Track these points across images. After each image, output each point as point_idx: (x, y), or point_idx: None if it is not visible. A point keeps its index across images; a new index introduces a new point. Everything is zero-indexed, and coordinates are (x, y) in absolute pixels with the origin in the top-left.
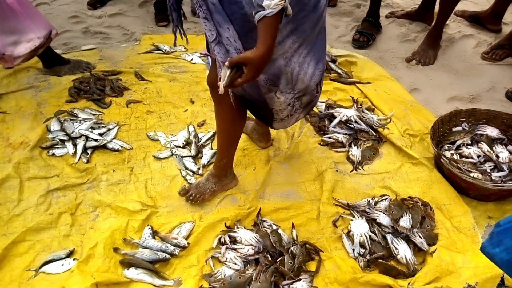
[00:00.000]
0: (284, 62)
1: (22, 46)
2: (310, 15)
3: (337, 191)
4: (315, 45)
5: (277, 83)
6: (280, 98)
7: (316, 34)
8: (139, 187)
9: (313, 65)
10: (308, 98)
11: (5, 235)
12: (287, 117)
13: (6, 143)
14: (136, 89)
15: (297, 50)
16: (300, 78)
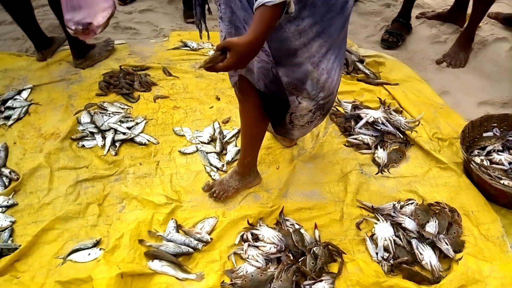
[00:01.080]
0: (312, 67)
1: (99, 16)
2: (337, 16)
3: (361, 193)
4: (341, 50)
5: (300, 88)
6: (302, 104)
7: (342, 38)
8: (165, 181)
9: (338, 72)
10: (329, 105)
11: (35, 223)
12: (307, 124)
13: (38, 133)
14: (164, 84)
15: (325, 55)
16: (327, 86)
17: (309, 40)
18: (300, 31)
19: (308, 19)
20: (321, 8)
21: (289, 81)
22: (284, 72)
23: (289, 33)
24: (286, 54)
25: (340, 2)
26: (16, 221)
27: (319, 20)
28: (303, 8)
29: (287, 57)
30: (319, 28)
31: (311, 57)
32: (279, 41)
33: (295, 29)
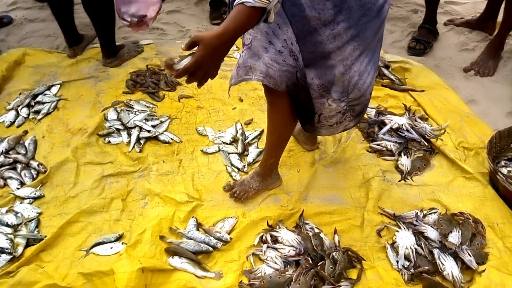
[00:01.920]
0: (344, 69)
1: (151, 9)
2: (373, 21)
3: (383, 200)
4: (375, 53)
5: (331, 90)
6: (332, 105)
7: (377, 41)
8: (186, 179)
9: (372, 74)
10: (360, 107)
11: (60, 215)
12: (335, 124)
13: (66, 128)
14: (189, 84)
15: (358, 58)
16: (358, 88)
17: (343, 44)
18: (334, 35)
19: (343, 23)
20: (357, 13)
21: (320, 83)
22: (315, 74)
23: (324, 37)
24: (319, 57)
25: (377, 7)
26: (43, 212)
27: (354, 24)
28: (339, 13)
29: (319, 60)
30: (354, 32)
31: (343, 60)
32: (313, 44)
33: (329, 33)
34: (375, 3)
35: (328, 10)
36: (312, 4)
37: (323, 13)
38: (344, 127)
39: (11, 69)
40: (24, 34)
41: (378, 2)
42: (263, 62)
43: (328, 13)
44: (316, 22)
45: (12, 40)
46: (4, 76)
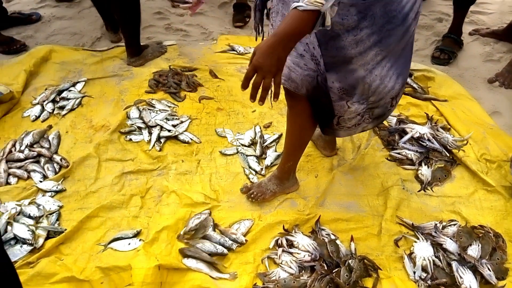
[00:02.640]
0: (364, 73)
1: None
2: (397, 28)
3: (402, 210)
4: (400, 59)
5: (351, 93)
6: (351, 108)
7: (402, 48)
8: (204, 179)
9: (394, 79)
10: (380, 110)
11: (80, 209)
12: (354, 126)
13: (89, 124)
14: (209, 86)
15: (379, 62)
16: (378, 91)
17: (365, 49)
18: (357, 41)
19: (366, 30)
20: (381, 19)
21: (341, 86)
22: (336, 78)
23: (346, 42)
24: (341, 62)
25: (402, 15)
26: (63, 206)
27: (377, 30)
28: (363, 19)
29: (341, 64)
30: (377, 38)
31: (365, 64)
32: (335, 49)
33: (352, 39)
34: (401, 11)
35: (352, 16)
36: None
37: (347, 19)
38: (362, 129)
39: (38, 64)
40: (52, 31)
41: (404, 10)
42: (286, 65)
43: (352, 19)
44: (339, 27)
45: (40, 36)
46: (31, 71)
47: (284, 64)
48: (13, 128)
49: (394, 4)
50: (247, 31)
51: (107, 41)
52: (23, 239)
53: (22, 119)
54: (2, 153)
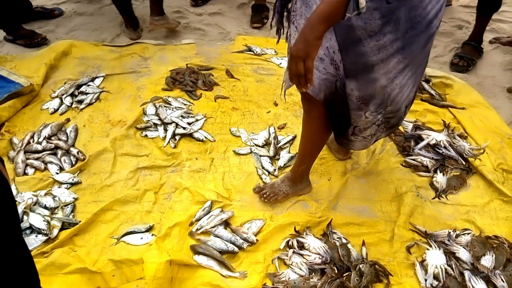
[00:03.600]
0: (386, 82)
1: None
2: (421, 35)
3: (415, 216)
4: (419, 68)
5: (369, 103)
6: (368, 118)
7: (424, 56)
8: (217, 178)
9: (411, 87)
10: (395, 120)
11: (95, 202)
12: (370, 137)
13: (106, 119)
14: (225, 85)
15: (402, 71)
16: (396, 100)
17: (387, 56)
18: (379, 47)
19: (389, 35)
20: (405, 25)
21: (360, 95)
22: (356, 86)
23: (368, 48)
24: (362, 69)
25: (426, 21)
26: (79, 198)
27: (400, 36)
28: (387, 24)
29: (361, 72)
30: (400, 45)
31: (387, 73)
32: (355, 55)
33: (374, 45)
34: (425, 17)
35: (375, 20)
36: None
37: (370, 23)
38: (376, 138)
39: (59, 59)
40: (73, 26)
41: (428, 17)
42: None
43: (375, 23)
44: (361, 32)
45: (61, 31)
46: (51, 65)
47: (314, 47)
48: (32, 120)
49: (419, 9)
50: (265, 32)
51: (126, 38)
52: (38, 229)
53: (41, 112)
54: (20, 144)
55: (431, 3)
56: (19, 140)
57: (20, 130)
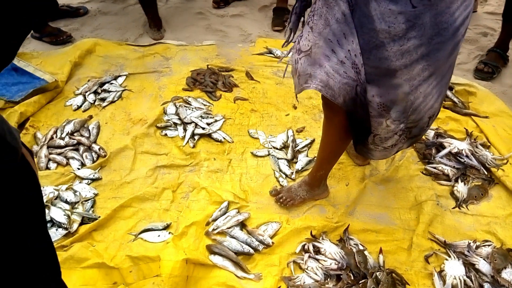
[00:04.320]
0: (409, 89)
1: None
2: (447, 42)
3: (434, 226)
4: (445, 77)
5: (391, 110)
6: (390, 127)
7: (449, 65)
8: (234, 179)
9: (436, 97)
10: (417, 130)
11: (115, 198)
12: (390, 147)
13: (128, 117)
14: (245, 87)
15: (427, 79)
16: (419, 110)
17: (411, 62)
18: (403, 52)
19: (414, 40)
20: (430, 30)
21: (381, 102)
22: (377, 92)
23: (391, 53)
24: (384, 74)
25: (453, 28)
26: (99, 194)
27: (426, 42)
28: (411, 28)
29: (384, 77)
30: (425, 51)
31: (410, 80)
32: (378, 59)
33: (398, 49)
34: (452, 24)
35: (400, 24)
36: (382, 16)
37: (394, 27)
38: (397, 149)
39: (83, 56)
40: (97, 25)
41: (455, 24)
42: (324, 71)
43: (400, 27)
44: (384, 35)
45: (86, 30)
46: (76, 62)
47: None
48: (56, 116)
49: (446, 15)
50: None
51: (149, 38)
52: (59, 222)
53: (65, 108)
54: (44, 139)
55: (458, 10)
56: (42, 135)
57: (44, 125)
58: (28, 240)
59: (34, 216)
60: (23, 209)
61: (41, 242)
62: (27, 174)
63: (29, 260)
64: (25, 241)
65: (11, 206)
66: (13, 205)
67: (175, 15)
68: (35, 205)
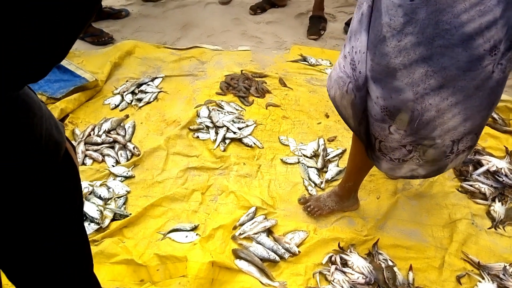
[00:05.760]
0: (413, 97)
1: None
2: (454, 49)
3: (468, 246)
4: (471, 99)
5: (395, 117)
6: (393, 135)
7: (475, 87)
8: (263, 185)
9: (459, 119)
10: (435, 153)
11: (146, 197)
12: (398, 161)
13: (162, 118)
14: (277, 94)
15: (436, 90)
16: (432, 125)
17: (410, 62)
18: (400, 49)
19: (410, 37)
20: (429, 29)
21: (385, 105)
22: (381, 94)
23: (390, 48)
24: (385, 72)
25: (460, 33)
26: (131, 191)
27: (425, 42)
28: (408, 23)
29: (386, 77)
30: (425, 52)
31: (413, 85)
32: (380, 55)
33: (396, 45)
34: (457, 28)
35: (399, 18)
36: (387, 9)
37: (394, 20)
38: (410, 171)
39: (123, 57)
40: (138, 27)
41: (463, 29)
42: (336, 62)
43: (398, 21)
44: (387, 29)
45: (126, 32)
46: (116, 63)
47: None
48: (94, 113)
49: (448, 14)
50: (321, 43)
51: (186, 41)
52: (91, 217)
53: (103, 106)
54: (82, 135)
55: (466, 13)
56: (80, 131)
57: (82, 122)
58: (67, 229)
59: (73, 207)
60: (64, 199)
61: (78, 232)
62: (69, 167)
63: (67, 250)
64: (64, 230)
65: (54, 197)
66: (56, 196)
67: (212, 20)
68: (75, 197)
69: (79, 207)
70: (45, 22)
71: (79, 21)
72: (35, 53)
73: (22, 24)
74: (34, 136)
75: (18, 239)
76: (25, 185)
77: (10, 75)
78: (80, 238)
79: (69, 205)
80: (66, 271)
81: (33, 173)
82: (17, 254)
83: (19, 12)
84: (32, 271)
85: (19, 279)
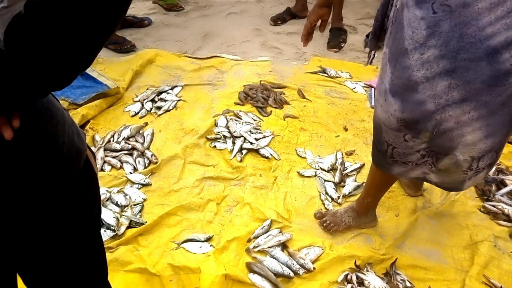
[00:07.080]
0: (434, 108)
1: None
2: (479, 63)
3: (490, 269)
4: (495, 116)
5: (411, 128)
6: (408, 142)
7: (501, 102)
8: (279, 197)
9: (479, 134)
10: (449, 163)
11: (161, 205)
12: (411, 164)
13: (180, 127)
14: (296, 105)
15: (459, 103)
16: (449, 136)
17: (433, 75)
18: (423, 62)
19: (434, 49)
20: (453, 42)
21: (402, 117)
22: (400, 107)
23: (412, 61)
24: (405, 86)
25: (484, 47)
26: (147, 199)
27: (449, 55)
28: (431, 36)
29: (407, 91)
30: (449, 66)
31: (435, 97)
32: (401, 68)
33: (418, 58)
34: (482, 40)
35: (421, 31)
36: (409, 22)
37: (416, 33)
38: (423, 174)
39: (144, 66)
40: (159, 36)
41: (488, 42)
42: None
43: (421, 34)
44: (408, 42)
45: (148, 40)
46: (137, 71)
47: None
48: (114, 120)
49: (472, 27)
50: (341, 55)
51: (206, 50)
52: (108, 224)
53: (123, 113)
54: (101, 141)
55: (492, 26)
56: (100, 137)
57: (103, 129)
58: (85, 236)
59: (92, 214)
60: (83, 206)
61: (96, 240)
62: (89, 174)
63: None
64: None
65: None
66: (75, 203)
67: (233, 30)
68: (94, 204)
69: (97, 214)
70: (72, 31)
71: (105, 30)
72: (61, 61)
73: (49, 33)
74: (57, 143)
75: (41, 245)
76: (47, 191)
77: (36, 83)
78: (97, 246)
79: (88, 212)
80: (81, 278)
81: (55, 180)
82: (36, 258)
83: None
84: (49, 277)
85: (35, 284)
